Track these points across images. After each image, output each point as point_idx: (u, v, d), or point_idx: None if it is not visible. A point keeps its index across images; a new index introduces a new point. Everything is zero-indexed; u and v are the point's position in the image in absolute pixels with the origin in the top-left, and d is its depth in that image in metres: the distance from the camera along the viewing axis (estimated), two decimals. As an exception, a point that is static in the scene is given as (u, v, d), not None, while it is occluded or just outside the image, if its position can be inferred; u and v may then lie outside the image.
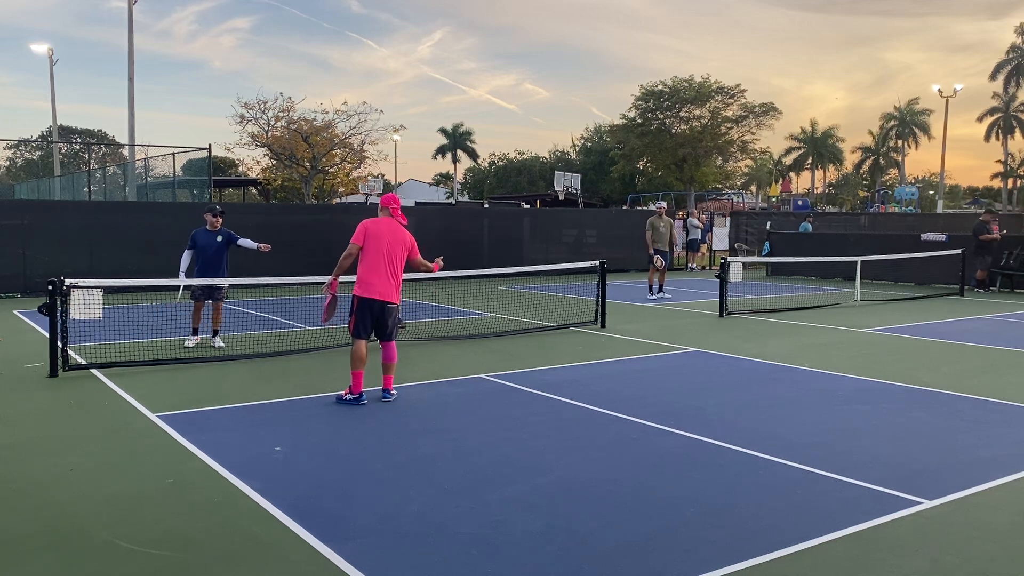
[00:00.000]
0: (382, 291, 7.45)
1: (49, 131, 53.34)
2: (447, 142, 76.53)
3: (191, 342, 10.48)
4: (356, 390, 7.45)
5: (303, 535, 4.45)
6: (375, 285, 7.42)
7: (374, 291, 7.43)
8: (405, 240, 7.61)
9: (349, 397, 7.47)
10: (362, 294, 7.44)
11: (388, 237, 7.48)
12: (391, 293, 7.51)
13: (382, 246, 7.43)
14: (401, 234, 7.60)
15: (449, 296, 16.04)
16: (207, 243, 10.42)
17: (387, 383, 7.68)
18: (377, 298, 7.43)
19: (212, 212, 10.55)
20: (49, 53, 40.83)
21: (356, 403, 7.40)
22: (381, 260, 7.42)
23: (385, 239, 7.46)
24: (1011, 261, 19.50)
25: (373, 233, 7.46)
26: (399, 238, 7.56)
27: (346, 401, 7.45)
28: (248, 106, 33.55)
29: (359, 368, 7.44)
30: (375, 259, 7.42)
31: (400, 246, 7.55)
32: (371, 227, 7.49)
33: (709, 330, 12.60)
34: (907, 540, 4.48)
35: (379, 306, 7.46)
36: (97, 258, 16.76)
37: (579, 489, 5.26)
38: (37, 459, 5.82)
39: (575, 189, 40.46)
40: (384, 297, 7.46)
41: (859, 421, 7.09)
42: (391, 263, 7.47)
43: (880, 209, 52.76)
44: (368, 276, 7.43)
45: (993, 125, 67.93)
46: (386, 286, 7.46)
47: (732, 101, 47.74)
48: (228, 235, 10.53)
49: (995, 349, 11.02)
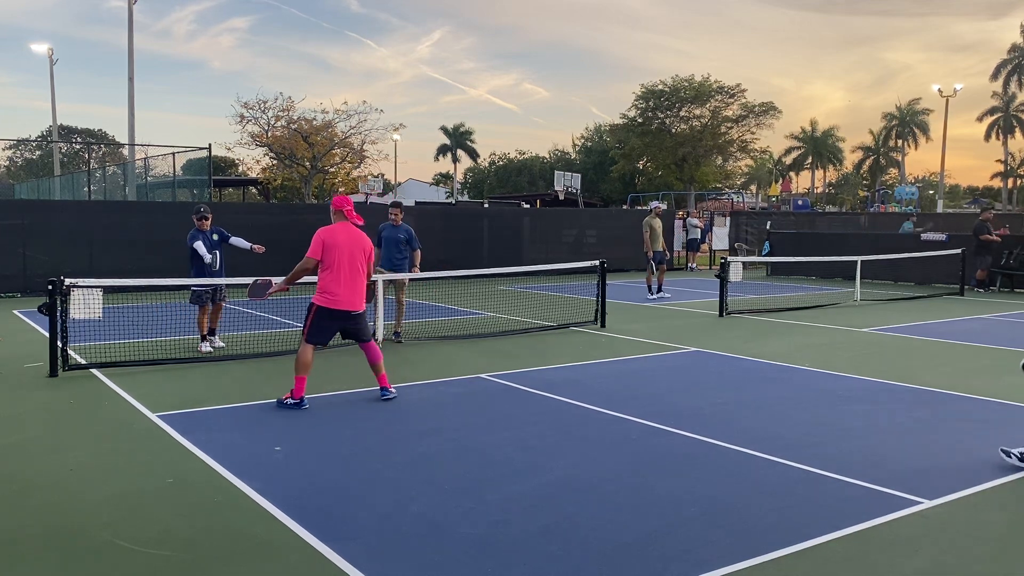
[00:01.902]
0: (349, 301, 7.31)
1: (49, 131, 53.34)
2: (448, 141, 76.57)
3: (206, 346, 10.22)
4: (298, 395, 7.24)
5: (303, 535, 4.45)
6: (341, 296, 7.26)
7: (341, 302, 7.27)
8: (365, 247, 7.45)
9: (290, 401, 7.23)
10: (327, 305, 7.26)
11: (348, 246, 7.30)
12: (357, 301, 7.38)
13: (343, 256, 7.25)
14: (361, 241, 7.43)
15: (449, 296, 16.04)
16: (207, 244, 10.21)
17: (383, 381, 7.63)
18: (345, 309, 7.31)
19: (198, 215, 10.25)
20: (49, 53, 40.85)
21: (298, 408, 7.19)
22: (343, 270, 7.25)
23: (346, 248, 7.28)
24: (1011, 261, 19.50)
25: (331, 244, 7.24)
26: (360, 245, 7.40)
27: (287, 405, 7.23)
28: (248, 106, 33.61)
29: (304, 373, 7.26)
30: (337, 269, 7.24)
31: (361, 252, 7.39)
32: (328, 238, 7.27)
33: (709, 330, 12.60)
34: (907, 540, 4.48)
35: (346, 315, 7.35)
36: (97, 258, 16.76)
37: (579, 489, 5.26)
38: (37, 459, 5.82)
39: (575, 189, 40.47)
40: (352, 307, 7.33)
41: (859, 421, 7.09)
42: (354, 271, 7.32)
43: (880, 209, 52.73)
44: (332, 287, 7.25)
45: (993, 125, 67.94)
46: (352, 295, 7.32)
47: (732, 101, 47.82)
48: (221, 233, 10.44)
49: (995, 349, 11.02)
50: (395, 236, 11.14)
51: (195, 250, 10.08)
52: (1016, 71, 64.44)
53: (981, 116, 68.48)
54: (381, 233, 11.21)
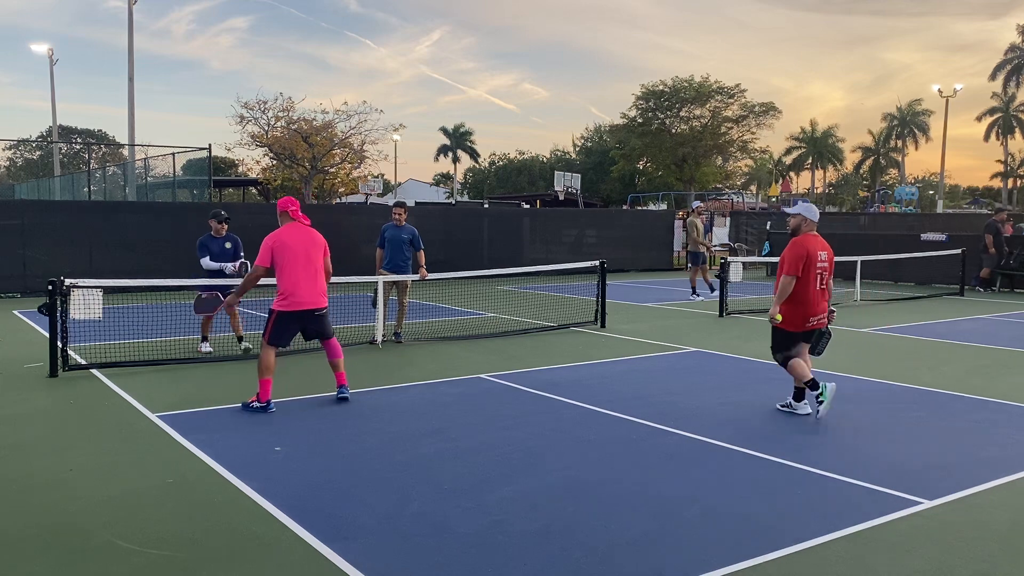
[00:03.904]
0: (310, 300, 7.27)
1: (49, 131, 53.35)
2: (448, 142, 76.58)
3: (206, 346, 10.06)
4: (264, 398, 7.19)
5: (303, 535, 4.45)
6: (301, 295, 7.23)
7: (302, 302, 7.24)
8: (317, 241, 7.42)
9: (257, 404, 7.19)
10: (287, 308, 7.23)
11: (301, 245, 7.27)
12: (319, 299, 7.34)
13: (298, 256, 7.23)
14: (314, 237, 7.41)
15: (449, 296, 16.04)
16: (218, 251, 9.96)
17: (340, 379, 7.59)
18: (306, 308, 7.27)
19: (217, 218, 10.03)
20: (49, 53, 40.86)
21: (264, 411, 7.14)
22: (300, 269, 7.22)
23: (299, 248, 7.25)
24: (1011, 261, 19.49)
25: (281, 246, 7.20)
26: (313, 242, 7.37)
27: (253, 408, 7.18)
28: (248, 106, 33.64)
29: (268, 376, 7.21)
30: (293, 269, 7.21)
31: (316, 249, 7.36)
32: (275, 242, 7.21)
33: (709, 330, 12.60)
34: (907, 540, 4.48)
35: (307, 315, 7.32)
36: (97, 258, 16.76)
37: (579, 489, 5.26)
38: (37, 459, 5.82)
39: (575, 189, 40.46)
40: (313, 305, 7.30)
41: (859, 421, 7.09)
42: (311, 269, 7.28)
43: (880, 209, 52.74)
44: (291, 288, 7.20)
45: (993, 125, 67.90)
46: (312, 293, 7.28)
47: (732, 101, 47.77)
48: (236, 242, 10.13)
49: (995, 349, 11.02)
50: (399, 237, 10.91)
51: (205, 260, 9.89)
52: (1015, 71, 64.42)
53: (980, 116, 68.49)
54: (384, 234, 11.06)
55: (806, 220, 7.27)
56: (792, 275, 7.02)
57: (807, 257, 7.04)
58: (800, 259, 7.02)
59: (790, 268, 7.04)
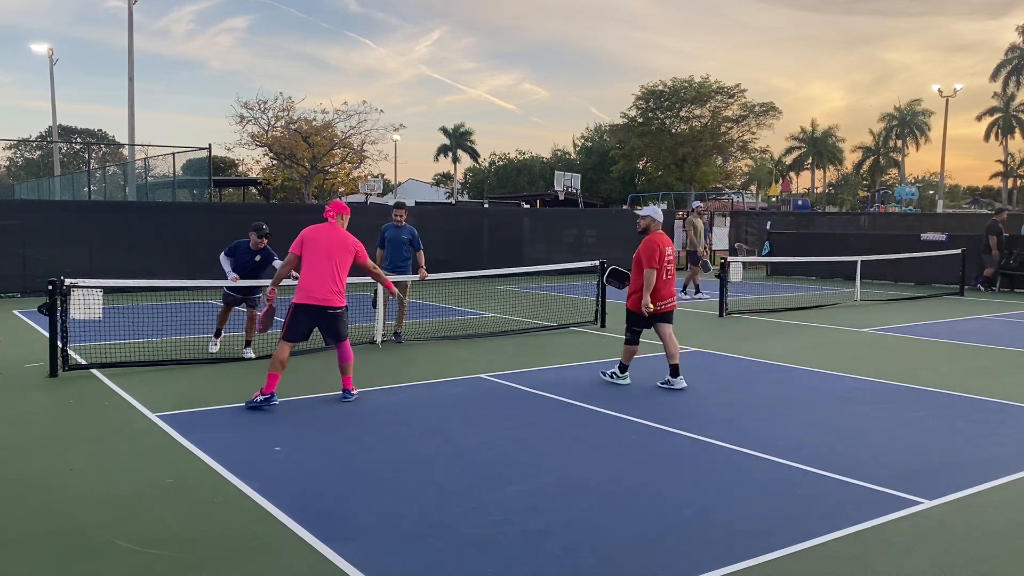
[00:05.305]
0: (323, 296, 7.33)
1: (49, 131, 53.35)
2: (448, 142, 76.56)
3: (215, 346, 9.99)
4: (268, 390, 7.23)
5: (303, 535, 4.45)
6: (315, 291, 7.32)
7: (314, 297, 7.32)
8: (347, 243, 7.50)
9: (260, 398, 7.22)
10: (301, 301, 7.34)
11: (326, 243, 7.39)
12: (333, 298, 7.38)
13: (320, 251, 7.36)
14: (344, 239, 7.50)
15: (449, 296, 16.04)
16: (245, 260, 9.70)
17: (347, 383, 7.62)
18: (318, 304, 7.32)
19: (257, 232, 9.61)
20: (49, 53, 40.84)
21: (268, 403, 7.19)
22: (321, 265, 7.33)
23: (323, 244, 7.38)
24: (1011, 261, 19.49)
25: (310, 239, 7.42)
26: (341, 243, 7.46)
27: (257, 402, 7.20)
28: (248, 106, 33.62)
29: (278, 371, 7.26)
30: (314, 264, 7.34)
31: (342, 249, 7.44)
32: (308, 234, 7.47)
33: (709, 330, 12.60)
34: (907, 540, 4.48)
35: (320, 312, 7.36)
36: (97, 258, 16.75)
37: (579, 489, 5.26)
38: (37, 459, 5.83)
39: (575, 189, 40.46)
40: (325, 302, 7.34)
41: (859, 421, 7.09)
42: (333, 267, 7.36)
43: (880, 209, 52.74)
44: (309, 283, 7.32)
45: (993, 125, 67.88)
46: (327, 291, 7.33)
47: (732, 101, 47.77)
48: (267, 257, 9.78)
49: (995, 349, 11.02)
50: (399, 237, 10.94)
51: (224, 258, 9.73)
52: (1015, 71, 64.42)
53: (980, 116, 68.49)
54: (384, 234, 11.08)
55: (654, 221, 8.40)
56: (652, 268, 8.10)
57: (659, 252, 8.15)
58: (655, 254, 8.13)
59: (648, 262, 8.13)
